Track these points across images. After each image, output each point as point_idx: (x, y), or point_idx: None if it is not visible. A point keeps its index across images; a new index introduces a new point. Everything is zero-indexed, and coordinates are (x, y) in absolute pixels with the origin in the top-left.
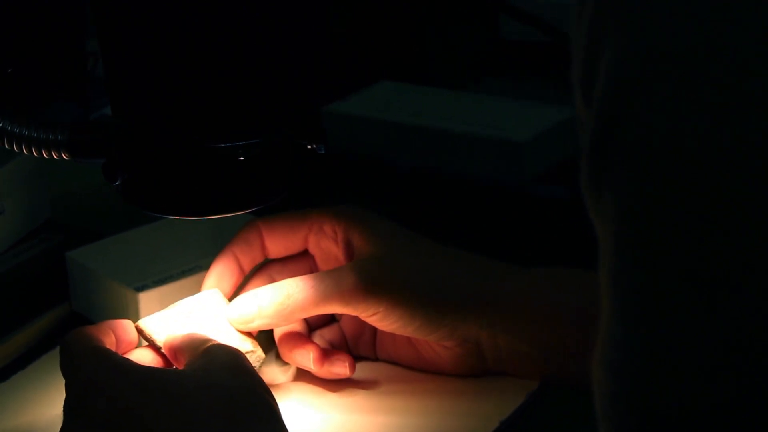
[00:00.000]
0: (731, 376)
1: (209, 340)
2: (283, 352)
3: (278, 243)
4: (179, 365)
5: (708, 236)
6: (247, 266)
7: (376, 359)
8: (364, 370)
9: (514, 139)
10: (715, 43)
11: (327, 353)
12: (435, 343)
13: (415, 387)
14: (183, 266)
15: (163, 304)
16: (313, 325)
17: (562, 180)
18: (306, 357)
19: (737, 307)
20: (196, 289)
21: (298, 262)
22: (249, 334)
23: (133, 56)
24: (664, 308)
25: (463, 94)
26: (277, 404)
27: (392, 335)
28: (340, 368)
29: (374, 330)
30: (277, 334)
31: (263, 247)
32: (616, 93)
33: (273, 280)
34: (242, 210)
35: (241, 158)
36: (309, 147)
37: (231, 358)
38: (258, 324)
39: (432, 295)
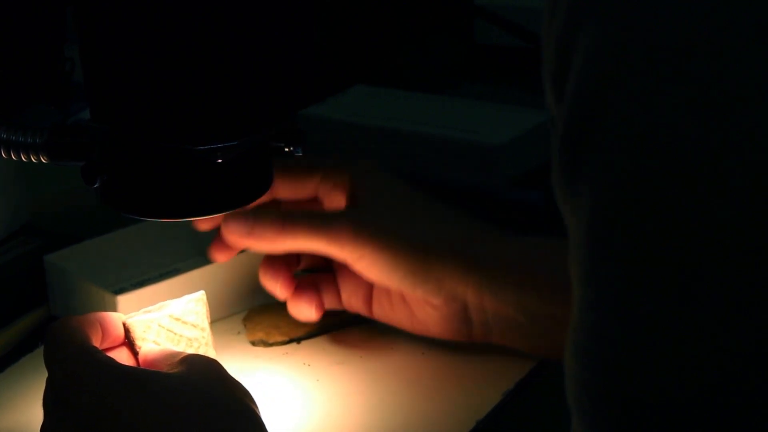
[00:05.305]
0: (708, 366)
1: (183, 353)
2: (261, 275)
3: (288, 187)
4: None
5: (683, 227)
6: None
7: (369, 321)
8: (341, 364)
9: (489, 142)
10: (690, 37)
11: (301, 290)
12: (424, 301)
13: (394, 384)
14: (161, 269)
15: (142, 307)
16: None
17: (537, 184)
18: (275, 286)
19: (713, 297)
20: (175, 291)
21: (305, 205)
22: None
23: (111, 60)
24: (640, 298)
25: (438, 97)
26: (257, 407)
27: (387, 292)
28: (306, 308)
29: (370, 287)
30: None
31: (273, 188)
32: (590, 86)
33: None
34: (220, 212)
35: (219, 161)
36: (287, 149)
37: (209, 364)
38: (248, 243)
39: (418, 245)
